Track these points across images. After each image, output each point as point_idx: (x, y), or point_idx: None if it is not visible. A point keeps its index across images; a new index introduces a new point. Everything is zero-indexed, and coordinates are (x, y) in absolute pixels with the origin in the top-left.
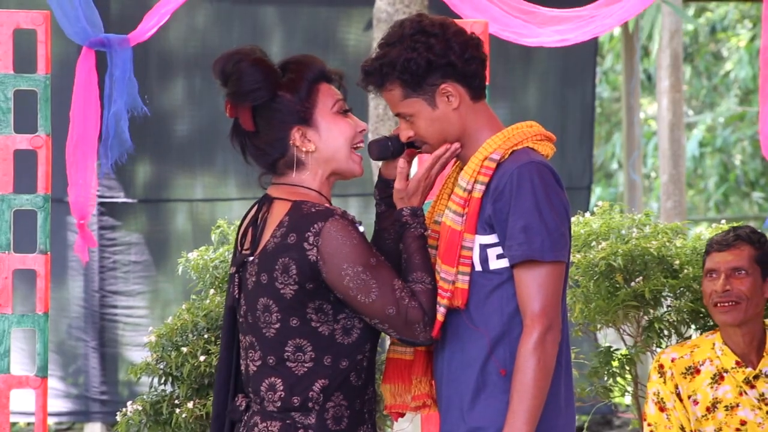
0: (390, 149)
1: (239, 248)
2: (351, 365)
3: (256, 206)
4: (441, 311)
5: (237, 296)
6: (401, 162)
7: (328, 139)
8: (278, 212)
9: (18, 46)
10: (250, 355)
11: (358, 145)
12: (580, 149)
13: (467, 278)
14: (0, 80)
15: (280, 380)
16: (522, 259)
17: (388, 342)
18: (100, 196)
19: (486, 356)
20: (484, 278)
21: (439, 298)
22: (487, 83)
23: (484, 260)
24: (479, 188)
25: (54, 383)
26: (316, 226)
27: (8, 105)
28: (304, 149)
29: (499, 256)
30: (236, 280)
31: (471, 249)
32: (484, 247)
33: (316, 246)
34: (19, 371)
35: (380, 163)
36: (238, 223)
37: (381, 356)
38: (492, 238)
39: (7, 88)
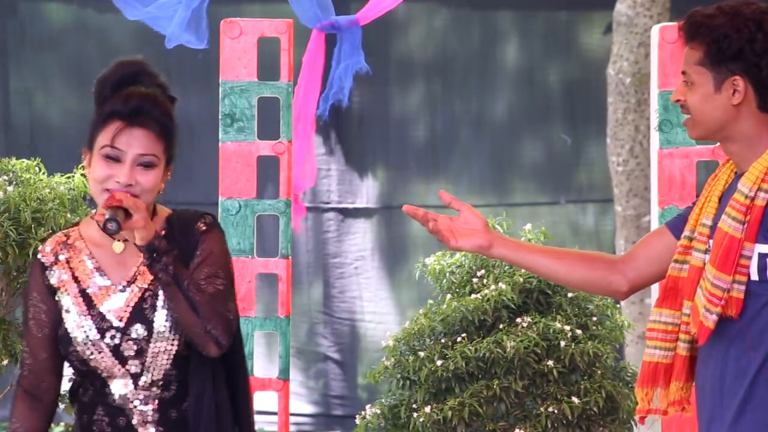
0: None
1: None
2: None
3: None
4: (713, 319)
5: None
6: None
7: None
8: None
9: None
10: None
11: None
12: None
13: (743, 288)
14: (245, 88)
15: None
16: None
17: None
18: (333, 203)
19: (757, 368)
20: (761, 288)
21: (711, 306)
22: None
23: (762, 270)
24: (762, 196)
25: (294, 387)
26: None
27: (252, 112)
28: None
29: None
30: None
31: (750, 258)
32: (763, 257)
33: None
34: (262, 374)
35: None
36: None
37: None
38: None
39: (251, 96)
